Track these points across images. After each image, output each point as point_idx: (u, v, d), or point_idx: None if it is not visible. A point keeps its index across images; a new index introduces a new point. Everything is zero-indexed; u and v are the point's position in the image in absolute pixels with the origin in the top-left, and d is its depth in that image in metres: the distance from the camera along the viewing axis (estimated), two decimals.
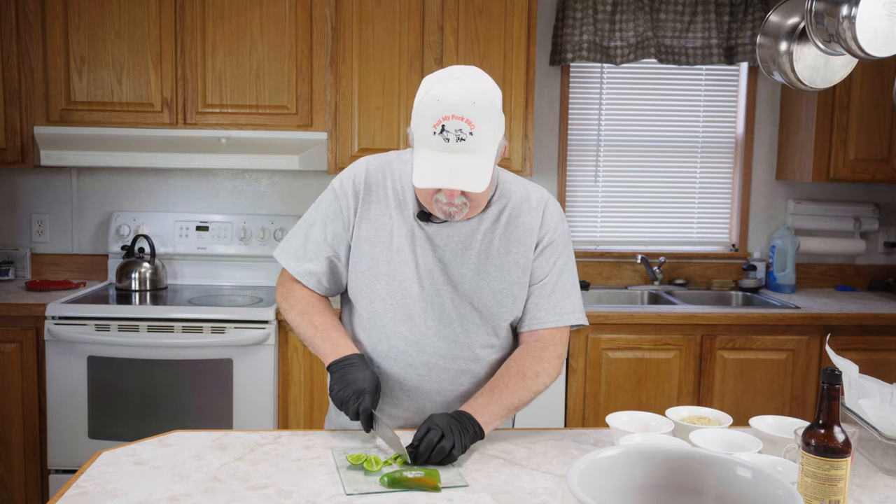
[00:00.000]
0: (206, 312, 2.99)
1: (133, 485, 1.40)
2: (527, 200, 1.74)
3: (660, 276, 3.74)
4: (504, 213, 1.72)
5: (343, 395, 1.59)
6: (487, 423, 1.60)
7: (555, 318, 1.73)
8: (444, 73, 1.58)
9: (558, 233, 1.75)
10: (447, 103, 1.51)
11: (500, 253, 1.70)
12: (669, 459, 1.24)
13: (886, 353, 3.21)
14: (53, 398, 2.96)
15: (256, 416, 2.98)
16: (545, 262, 1.74)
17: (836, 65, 1.94)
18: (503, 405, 1.63)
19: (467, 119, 1.50)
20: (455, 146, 1.51)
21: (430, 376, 1.72)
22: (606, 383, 3.17)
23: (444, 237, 1.69)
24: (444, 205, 1.59)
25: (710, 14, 3.60)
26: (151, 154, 3.15)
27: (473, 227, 1.70)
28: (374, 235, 1.70)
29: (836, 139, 3.49)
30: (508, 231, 1.71)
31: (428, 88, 1.55)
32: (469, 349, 1.72)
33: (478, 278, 1.70)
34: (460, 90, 1.51)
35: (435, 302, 1.69)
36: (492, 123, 1.54)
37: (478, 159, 1.53)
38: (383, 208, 1.71)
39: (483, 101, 1.52)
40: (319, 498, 1.37)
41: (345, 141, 3.28)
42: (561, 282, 1.75)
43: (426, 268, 1.68)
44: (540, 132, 3.71)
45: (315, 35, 3.24)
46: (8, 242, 3.61)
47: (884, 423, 1.55)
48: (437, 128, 1.51)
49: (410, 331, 1.70)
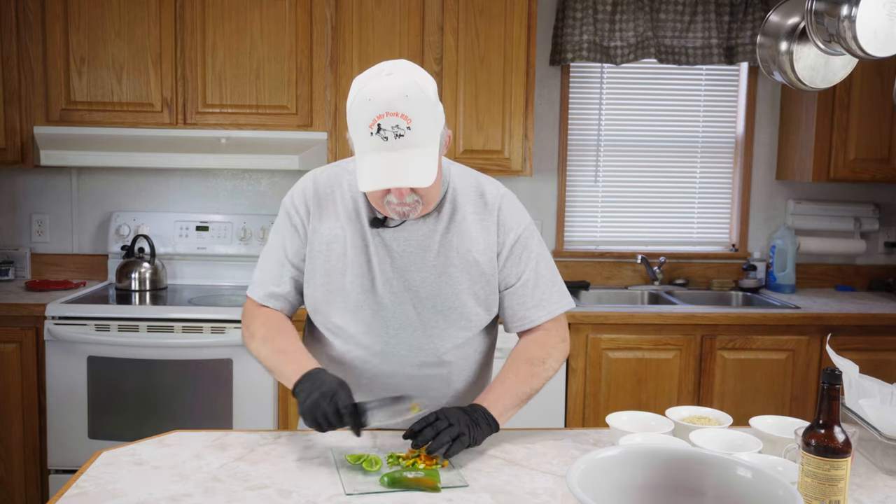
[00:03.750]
0: (206, 312, 2.99)
1: (133, 485, 1.40)
2: (481, 196, 1.70)
3: (660, 276, 3.74)
4: (458, 210, 1.68)
5: (311, 401, 1.46)
6: (502, 414, 1.60)
7: (545, 312, 1.72)
8: (374, 71, 1.51)
9: (521, 227, 1.71)
10: (379, 101, 1.45)
11: (460, 252, 1.67)
12: (669, 459, 1.24)
13: (886, 353, 3.21)
14: (53, 398, 2.96)
15: (256, 416, 2.98)
16: (518, 261, 1.70)
17: (836, 65, 1.94)
18: (516, 395, 1.63)
19: (402, 114, 1.45)
20: (395, 143, 1.45)
21: (397, 385, 1.70)
22: (606, 383, 3.17)
23: (401, 241, 1.65)
24: (396, 205, 1.55)
25: (710, 14, 3.60)
26: (151, 154, 3.15)
27: (430, 227, 1.66)
28: (326, 249, 1.67)
29: (836, 139, 3.49)
30: (465, 229, 1.67)
31: (358, 89, 1.49)
32: (434, 355, 1.70)
33: (439, 280, 1.66)
34: (391, 86, 1.45)
35: (396, 311, 1.66)
36: (429, 115, 1.48)
37: (421, 153, 1.47)
38: (334, 220, 1.67)
39: (416, 93, 1.46)
40: (319, 498, 1.37)
41: (345, 141, 3.28)
42: (540, 274, 1.72)
43: (384, 276, 1.65)
44: (540, 132, 3.71)
45: (315, 35, 3.24)
46: (8, 242, 3.61)
47: (884, 423, 1.55)
48: (373, 128, 1.45)
49: (372, 342, 1.68)
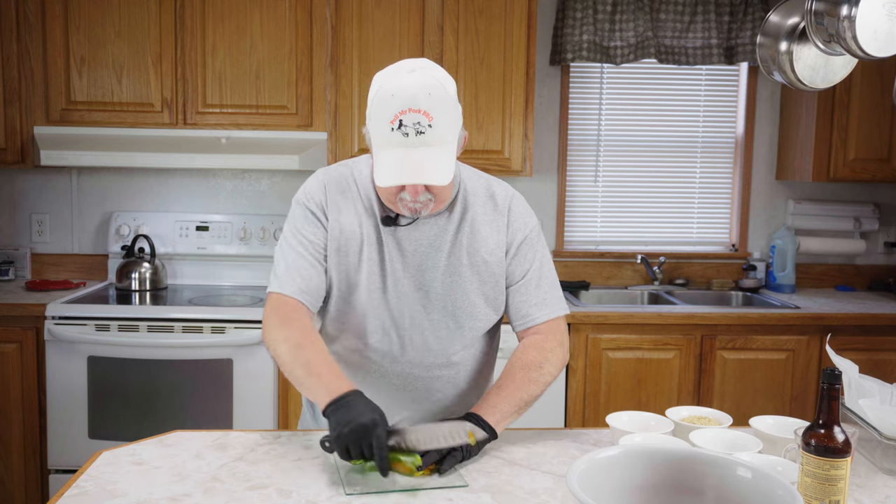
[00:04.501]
0: (206, 312, 2.99)
1: (133, 485, 1.40)
2: (491, 197, 1.71)
3: (660, 276, 3.74)
4: (469, 211, 1.68)
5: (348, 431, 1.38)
6: (499, 422, 1.57)
7: (546, 311, 1.70)
8: (396, 68, 1.52)
9: (529, 228, 1.71)
10: (402, 97, 1.45)
11: (470, 252, 1.67)
12: (669, 459, 1.24)
13: (886, 353, 3.21)
14: (53, 398, 2.96)
15: (256, 416, 2.98)
16: (523, 260, 1.70)
17: (836, 65, 1.94)
18: (513, 402, 1.60)
19: (424, 111, 1.45)
20: (415, 140, 1.46)
21: (406, 386, 1.70)
22: (606, 383, 3.17)
23: (412, 241, 1.65)
24: (409, 202, 1.54)
25: (710, 14, 3.60)
26: (151, 154, 3.15)
27: (441, 227, 1.66)
28: (345, 244, 1.66)
29: (836, 139, 3.49)
30: (476, 229, 1.67)
31: (381, 85, 1.50)
32: (444, 356, 1.70)
33: (449, 280, 1.66)
34: (414, 83, 1.46)
35: (405, 310, 1.66)
36: (450, 114, 1.49)
37: (439, 152, 1.48)
38: (353, 215, 1.66)
39: (439, 91, 1.47)
40: (319, 498, 1.37)
41: (345, 141, 3.28)
42: (543, 274, 1.72)
43: (394, 276, 1.65)
44: (540, 132, 3.71)
45: (315, 35, 3.24)
46: (8, 242, 3.61)
47: (884, 423, 1.55)
48: (394, 123, 1.45)
49: (381, 342, 1.68)
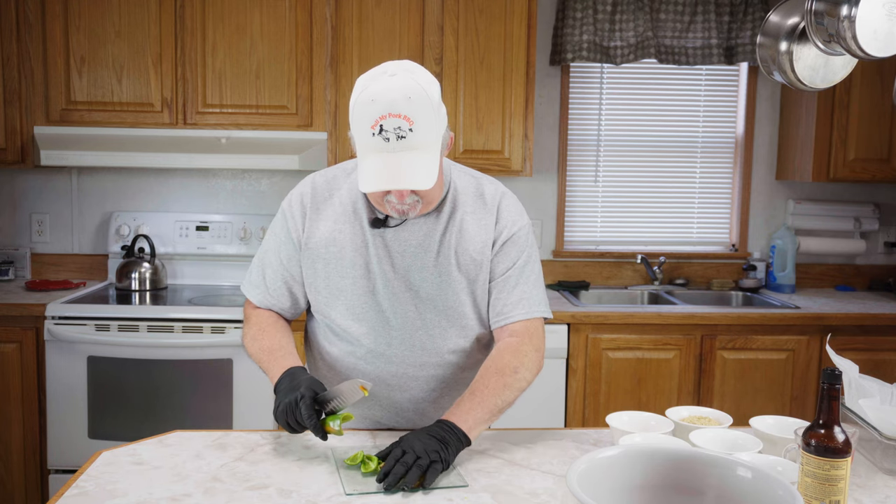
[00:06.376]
0: (206, 312, 2.99)
1: (133, 485, 1.40)
2: (481, 196, 1.70)
3: (660, 276, 3.74)
4: (458, 210, 1.68)
5: (280, 406, 1.50)
6: (472, 428, 1.53)
7: (523, 310, 1.68)
8: (377, 71, 1.51)
9: (517, 227, 1.70)
10: (382, 102, 1.44)
11: (459, 252, 1.66)
12: (669, 459, 1.24)
13: (886, 353, 3.21)
14: (53, 398, 2.96)
15: (256, 416, 2.98)
16: (506, 257, 1.69)
17: (836, 65, 1.94)
18: (486, 408, 1.56)
19: (405, 116, 1.44)
20: (396, 145, 1.45)
21: (401, 385, 1.71)
22: (606, 383, 3.17)
23: (400, 242, 1.65)
24: (395, 204, 1.55)
25: (710, 14, 3.60)
26: (151, 154, 3.15)
27: (430, 228, 1.66)
28: (325, 251, 1.67)
29: (836, 139, 3.49)
30: (464, 228, 1.67)
31: (362, 89, 1.48)
32: (437, 355, 1.70)
33: (439, 280, 1.66)
34: (394, 87, 1.45)
35: (397, 310, 1.66)
36: (431, 117, 1.48)
37: (422, 155, 1.47)
38: (332, 223, 1.67)
39: (419, 95, 1.46)
40: (319, 498, 1.37)
41: (345, 141, 3.28)
42: (525, 273, 1.70)
43: (384, 277, 1.65)
44: (540, 132, 3.71)
45: (315, 35, 3.24)
46: (8, 242, 3.61)
47: (884, 423, 1.55)
48: (374, 128, 1.45)
49: (375, 342, 1.68)
